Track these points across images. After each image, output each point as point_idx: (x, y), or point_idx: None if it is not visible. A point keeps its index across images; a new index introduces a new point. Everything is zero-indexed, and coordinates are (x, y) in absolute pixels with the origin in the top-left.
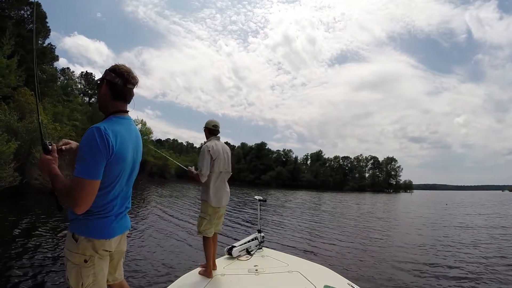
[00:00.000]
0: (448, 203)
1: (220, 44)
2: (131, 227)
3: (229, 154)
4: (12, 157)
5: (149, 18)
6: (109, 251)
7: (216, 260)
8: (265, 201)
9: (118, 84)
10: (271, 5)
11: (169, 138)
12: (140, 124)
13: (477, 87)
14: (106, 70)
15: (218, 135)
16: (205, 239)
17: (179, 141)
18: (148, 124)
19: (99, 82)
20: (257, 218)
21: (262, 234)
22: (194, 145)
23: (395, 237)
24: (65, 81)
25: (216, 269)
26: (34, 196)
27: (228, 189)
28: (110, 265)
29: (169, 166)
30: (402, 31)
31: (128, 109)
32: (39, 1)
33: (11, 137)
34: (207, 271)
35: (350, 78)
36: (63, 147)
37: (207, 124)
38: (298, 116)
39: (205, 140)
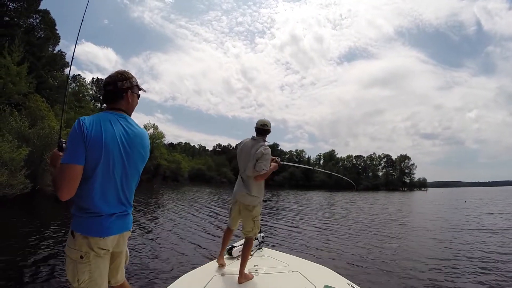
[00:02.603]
0: (466, 201)
1: (227, 46)
2: (135, 228)
3: (251, 153)
4: (22, 163)
5: (155, 22)
6: (106, 250)
7: (216, 260)
8: (265, 201)
9: (102, 90)
10: (277, 5)
11: (181, 142)
12: (152, 128)
13: (488, 80)
14: None
15: (256, 136)
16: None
17: (191, 144)
18: (160, 128)
19: None
20: None
21: (262, 234)
22: (207, 148)
23: (405, 239)
24: (77, 88)
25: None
26: (47, 202)
27: (245, 189)
28: (113, 267)
29: (182, 169)
30: (410, 26)
31: (122, 107)
32: (47, 9)
33: (22, 143)
34: (218, 259)
35: (359, 75)
36: None
37: None
38: (309, 116)
39: None
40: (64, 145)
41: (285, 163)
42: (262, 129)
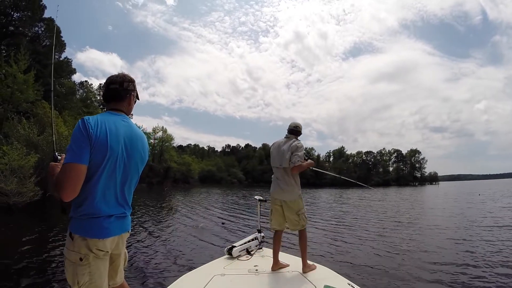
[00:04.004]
0: (480, 194)
1: (231, 47)
2: (138, 229)
3: (284, 148)
4: (32, 171)
5: (158, 26)
6: (105, 251)
7: (216, 260)
8: (265, 201)
9: (104, 89)
10: (279, 3)
11: (190, 144)
12: (161, 131)
13: (496, 71)
14: None
15: (288, 134)
16: None
17: (200, 145)
18: (168, 131)
19: None
20: (257, 218)
21: (262, 234)
22: (216, 149)
23: (414, 238)
24: (84, 94)
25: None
26: (58, 209)
27: (282, 184)
28: (112, 268)
29: (192, 171)
30: (415, 18)
31: (122, 108)
32: (52, 17)
33: (31, 150)
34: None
35: (365, 70)
36: None
37: None
38: (316, 114)
39: None
40: (59, 157)
41: (318, 170)
42: (295, 130)
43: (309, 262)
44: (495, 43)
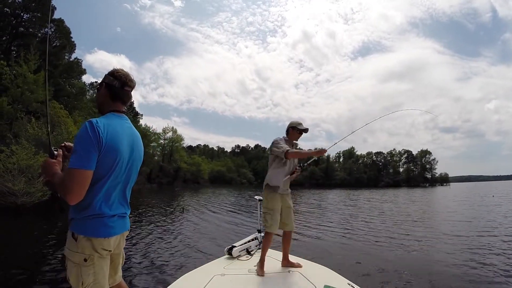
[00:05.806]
0: (494, 195)
1: (239, 47)
2: (139, 229)
3: None
4: (40, 170)
5: (166, 27)
6: (109, 251)
7: (216, 260)
8: (261, 200)
9: (116, 86)
10: (286, 2)
11: (199, 144)
12: (171, 132)
13: (508, 69)
14: (105, 74)
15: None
16: None
17: (210, 146)
18: (177, 132)
19: (98, 85)
20: (257, 218)
21: (262, 234)
22: (225, 149)
23: (420, 241)
24: (94, 95)
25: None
26: (67, 209)
27: None
28: (111, 267)
29: (202, 171)
30: (424, 16)
31: (123, 110)
32: (62, 18)
33: (40, 150)
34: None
35: (375, 70)
36: (66, 143)
37: None
38: (325, 114)
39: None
40: (56, 152)
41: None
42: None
43: (293, 260)
44: (505, 41)
